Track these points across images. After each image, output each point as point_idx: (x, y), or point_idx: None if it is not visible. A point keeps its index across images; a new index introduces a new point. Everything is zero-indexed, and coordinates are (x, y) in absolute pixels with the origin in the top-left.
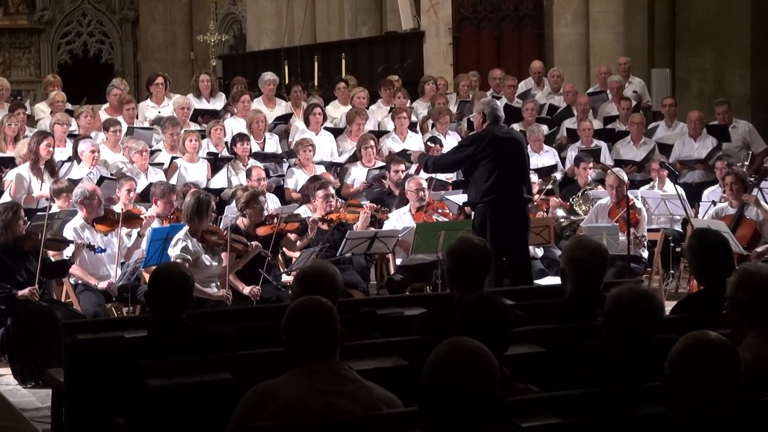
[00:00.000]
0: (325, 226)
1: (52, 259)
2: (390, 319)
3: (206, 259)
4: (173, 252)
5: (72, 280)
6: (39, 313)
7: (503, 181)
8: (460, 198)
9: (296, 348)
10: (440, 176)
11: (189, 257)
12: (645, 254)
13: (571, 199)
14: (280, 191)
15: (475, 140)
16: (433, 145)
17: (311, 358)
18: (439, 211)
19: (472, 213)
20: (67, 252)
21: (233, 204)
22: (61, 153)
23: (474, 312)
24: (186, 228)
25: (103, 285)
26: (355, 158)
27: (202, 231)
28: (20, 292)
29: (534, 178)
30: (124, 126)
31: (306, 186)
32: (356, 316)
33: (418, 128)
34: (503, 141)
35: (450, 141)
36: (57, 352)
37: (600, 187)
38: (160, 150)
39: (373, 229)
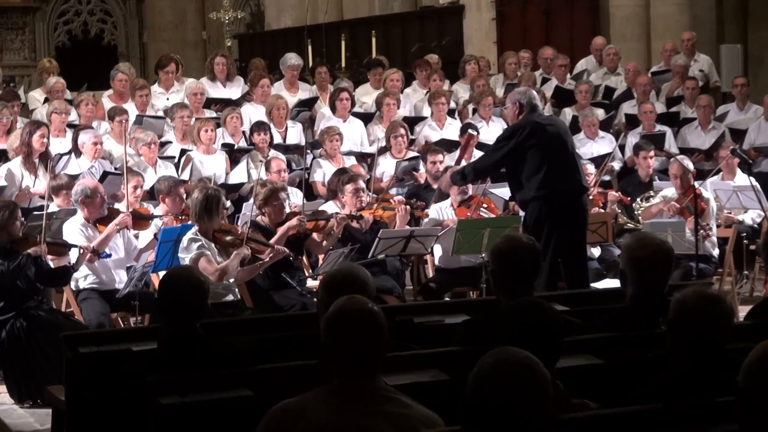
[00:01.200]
0: (355, 224)
1: (51, 265)
2: (429, 328)
3: (220, 260)
4: (188, 254)
5: (73, 287)
6: (37, 325)
7: (556, 171)
8: (506, 191)
9: (334, 359)
10: None
11: (208, 253)
12: (715, 253)
13: (635, 204)
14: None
15: (515, 131)
16: (472, 132)
17: (347, 372)
18: (484, 207)
19: (520, 209)
20: (69, 257)
21: (252, 201)
22: (60, 145)
23: (519, 319)
24: (195, 228)
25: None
26: (386, 148)
27: (213, 230)
28: (31, 249)
29: (589, 168)
30: (132, 114)
31: (333, 179)
32: (391, 325)
33: (456, 114)
34: (546, 128)
35: (493, 129)
36: (57, 367)
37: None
38: (170, 142)
39: (408, 227)
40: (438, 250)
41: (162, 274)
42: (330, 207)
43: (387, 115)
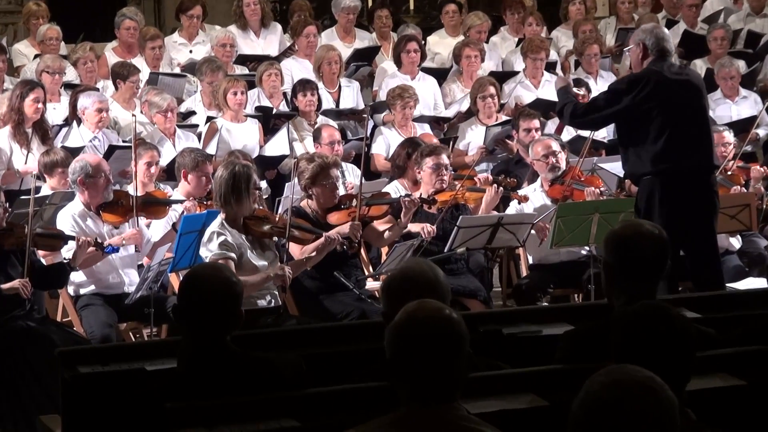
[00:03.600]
0: (430, 209)
1: (44, 262)
2: (522, 340)
3: (253, 257)
4: (208, 251)
5: (71, 291)
6: (27, 339)
7: (680, 142)
8: (620, 166)
9: (401, 380)
10: (584, 133)
11: (233, 255)
12: None
13: None
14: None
15: (634, 82)
16: (578, 91)
17: (417, 396)
18: (582, 182)
19: (632, 184)
20: (65, 252)
21: (296, 180)
22: (54, 111)
23: (638, 329)
24: (221, 216)
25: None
26: (470, 113)
27: (244, 218)
28: (5, 286)
29: (727, 136)
30: (144, 72)
31: (400, 152)
32: (474, 337)
33: (558, 68)
34: (675, 85)
35: (602, 86)
36: (51, 392)
37: None
38: (194, 111)
39: (495, 213)
40: (533, 242)
41: (183, 274)
42: (394, 188)
43: (468, 71)
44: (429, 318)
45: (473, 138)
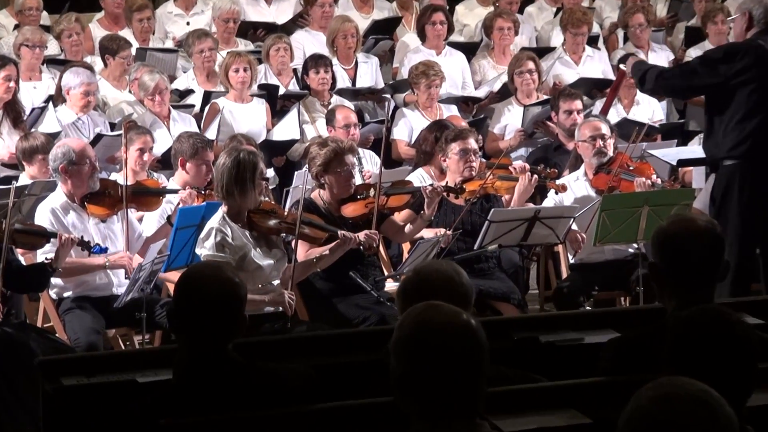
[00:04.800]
0: (457, 200)
1: (22, 261)
2: (562, 349)
3: (257, 256)
4: (204, 249)
5: (53, 293)
6: (3, 347)
7: None
8: (673, 153)
9: (411, 397)
10: (640, 117)
11: (230, 257)
12: None
13: None
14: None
15: (731, 54)
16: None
17: (428, 413)
18: (631, 170)
19: (709, 176)
20: (45, 251)
21: (306, 168)
22: (34, 91)
23: (693, 337)
24: (223, 209)
25: (109, 261)
26: (507, 92)
27: (248, 211)
28: None
29: None
30: (134, 47)
31: (426, 136)
32: (507, 346)
33: (601, 42)
34: None
35: (656, 61)
36: (30, 406)
37: None
38: (192, 90)
39: (532, 205)
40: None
41: (179, 273)
42: (418, 177)
43: (500, 45)
44: (443, 324)
45: (510, 120)
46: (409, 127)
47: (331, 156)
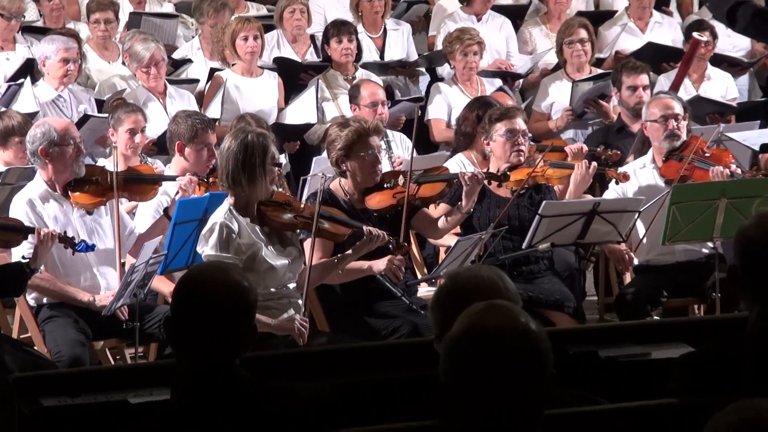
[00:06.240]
0: (501, 190)
1: None
2: (625, 366)
3: (269, 254)
4: (206, 248)
5: (32, 299)
6: None
7: None
8: (754, 136)
9: (460, 410)
10: (711, 94)
11: (237, 257)
12: None
13: None
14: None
15: None
16: (700, 37)
17: None
18: (724, 170)
19: None
20: (23, 250)
21: (326, 153)
22: (8, 63)
23: None
24: (229, 201)
25: (96, 299)
26: (558, 67)
27: (259, 203)
28: None
29: None
30: (125, 12)
31: (465, 116)
32: (561, 361)
33: (673, 5)
34: None
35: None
36: (4, 430)
37: None
38: (190, 60)
39: (590, 197)
40: (640, 235)
41: (179, 276)
42: (457, 163)
43: (555, 10)
44: (500, 328)
45: (558, 97)
46: (447, 104)
47: (354, 138)
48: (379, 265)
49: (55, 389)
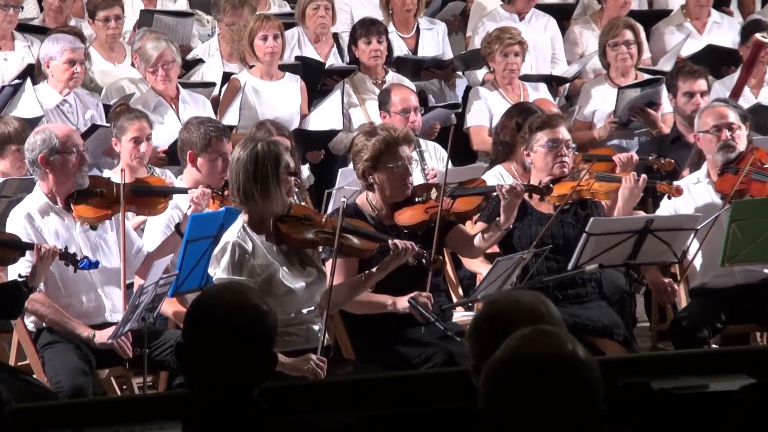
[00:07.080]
0: (543, 206)
1: None
2: (680, 399)
3: (286, 276)
4: (217, 270)
5: (30, 323)
6: None
7: None
8: None
9: None
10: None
11: (252, 280)
12: None
13: None
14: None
15: None
16: (763, 38)
17: None
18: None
19: None
20: (20, 267)
21: (352, 164)
22: (6, 63)
23: None
24: (243, 218)
25: (96, 335)
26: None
27: (275, 219)
28: None
29: None
30: (134, 10)
31: (505, 124)
32: (610, 394)
33: (734, 4)
34: None
35: None
36: None
37: None
38: (202, 60)
39: (642, 213)
40: (697, 257)
41: (191, 299)
42: (495, 175)
43: (614, 5)
44: (546, 357)
45: (601, 104)
46: (488, 110)
47: (382, 147)
48: (404, 303)
49: (55, 422)
